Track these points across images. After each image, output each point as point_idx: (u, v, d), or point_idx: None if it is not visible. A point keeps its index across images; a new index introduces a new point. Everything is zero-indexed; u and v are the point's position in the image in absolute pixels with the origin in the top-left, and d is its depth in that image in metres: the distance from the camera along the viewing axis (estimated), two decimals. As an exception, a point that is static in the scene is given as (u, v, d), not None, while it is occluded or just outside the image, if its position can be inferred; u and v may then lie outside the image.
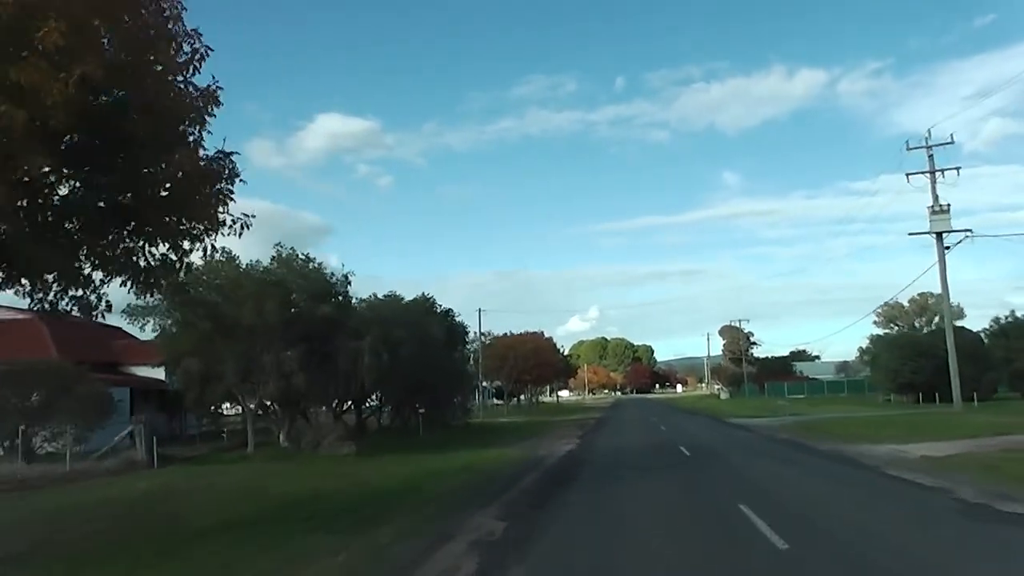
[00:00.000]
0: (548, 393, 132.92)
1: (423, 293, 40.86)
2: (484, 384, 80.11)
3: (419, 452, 27.58)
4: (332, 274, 27.89)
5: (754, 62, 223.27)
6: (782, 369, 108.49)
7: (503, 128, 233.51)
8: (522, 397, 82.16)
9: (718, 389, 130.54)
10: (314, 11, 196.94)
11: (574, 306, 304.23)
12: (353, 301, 30.02)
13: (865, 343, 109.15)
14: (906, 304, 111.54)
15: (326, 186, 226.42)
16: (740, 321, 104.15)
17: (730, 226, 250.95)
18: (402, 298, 39.86)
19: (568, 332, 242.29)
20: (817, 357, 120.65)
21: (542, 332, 74.06)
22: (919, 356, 57.52)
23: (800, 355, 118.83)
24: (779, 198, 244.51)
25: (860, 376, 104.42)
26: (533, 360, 62.93)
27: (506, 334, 67.14)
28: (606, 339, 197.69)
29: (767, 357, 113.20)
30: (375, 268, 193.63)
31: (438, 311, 41.69)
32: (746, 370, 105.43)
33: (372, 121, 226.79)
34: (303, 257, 26.63)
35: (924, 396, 56.47)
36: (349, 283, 28.83)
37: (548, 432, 38.18)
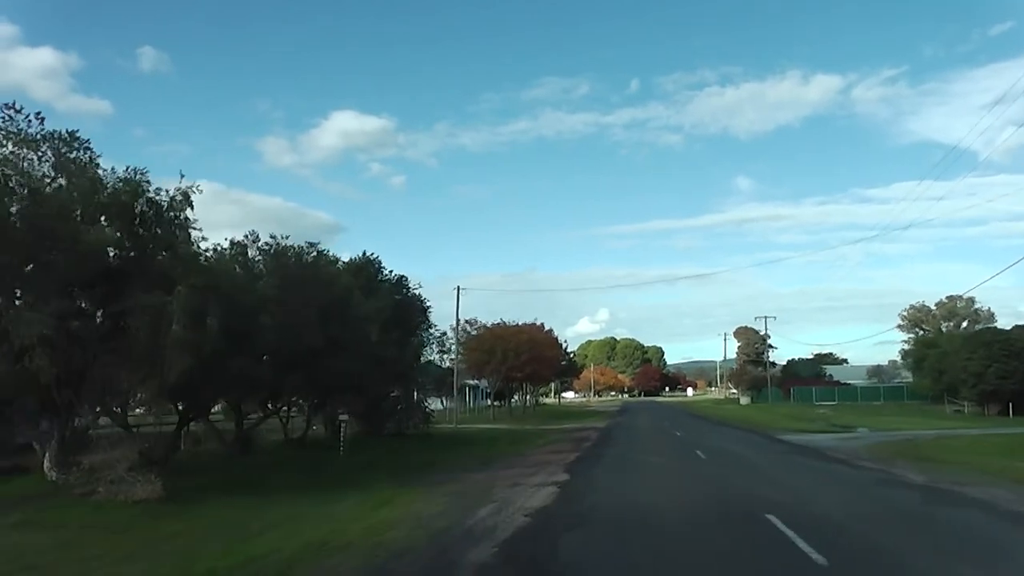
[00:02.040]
0: (552, 394, 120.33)
1: (363, 252, 28.45)
2: (475, 382, 67.49)
3: (285, 495, 15.27)
4: (137, 180, 15.20)
5: (768, 67, 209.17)
6: (809, 373, 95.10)
7: (517, 129, 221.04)
8: (516, 398, 69.40)
9: (733, 393, 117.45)
10: (328, 9, 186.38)
11: (583, 308, 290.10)
12: (197, 238, 17.24)
13: (896, 347, 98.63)
14: (933, 307, 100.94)
15: (338, 185, 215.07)
16: (766, 317, 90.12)
17: (742, 231, 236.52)
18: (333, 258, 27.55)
19: (577, 333, 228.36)
20: (845, 360, 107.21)
21: (541, 324, 61.08)
22: (1009, 357, 44.45)
23: (826, 358, 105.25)
24: (792, 204, 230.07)
25: (896, 382, 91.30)
26: (526, 354, 50.02)
27: (497, 323, 54.24)
28: (615, 339, 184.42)
29: (793, 359, 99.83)
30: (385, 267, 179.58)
31: (383, 278, 29.21)
32: (770, 373, 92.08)
33: (386, 120, 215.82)
34: (67, 137, 14.09)
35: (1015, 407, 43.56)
36: (189, 204, 16.23)
37: (527, 451, 25.62)
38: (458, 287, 46.10)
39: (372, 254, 28.32)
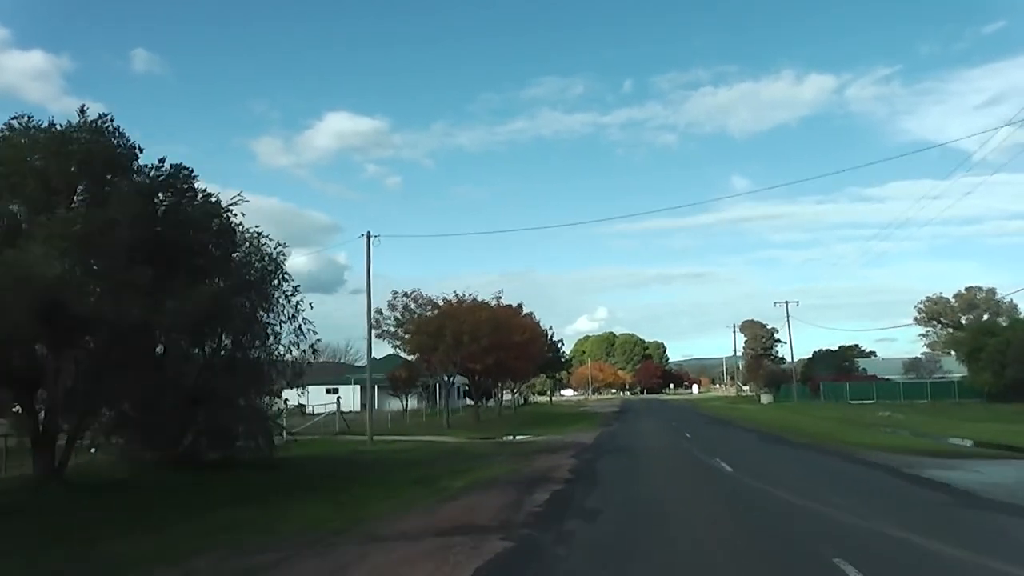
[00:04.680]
0: (549, 392, 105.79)
1: (82, 107, 13.70)
2: (445, 379, 52.86)
3: None
4: None
5: (763, 66, 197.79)
6: (835, 366, 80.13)
7: (514, 129, 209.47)
8: (492, 397, 54.66)
9: (744, 390, 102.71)
10: (324, 10, 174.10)
11: (582, 307, 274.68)
12: None
13: (894, 344, 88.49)
14: (952, 299, 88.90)
15: (335, 185, 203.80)
16: (787, 302, 74.64)
17: (739, 230, 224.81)
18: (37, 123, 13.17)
19: (576, 331, 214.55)
20: (873, 353, 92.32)
21: (519, 306, 46.25)
22: None
23: (854, 350, 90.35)
24: (788, 203, 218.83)
25: (937, 376, 76.49)
26: (487, 338, 35.32)
27: (452, 298, 39.35)
28: (614, 334, 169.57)
29: (819, 351, 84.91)
30: (383, 268, 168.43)
31: (139, 169, 14.44)
32: (793, 367, 77.12)
33: (381, 120, 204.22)
34: None
35: None
36: None
37: (402, 520, 10.74)
38: (368, 232, 30.51)
39: (104, 117, 13.60)
